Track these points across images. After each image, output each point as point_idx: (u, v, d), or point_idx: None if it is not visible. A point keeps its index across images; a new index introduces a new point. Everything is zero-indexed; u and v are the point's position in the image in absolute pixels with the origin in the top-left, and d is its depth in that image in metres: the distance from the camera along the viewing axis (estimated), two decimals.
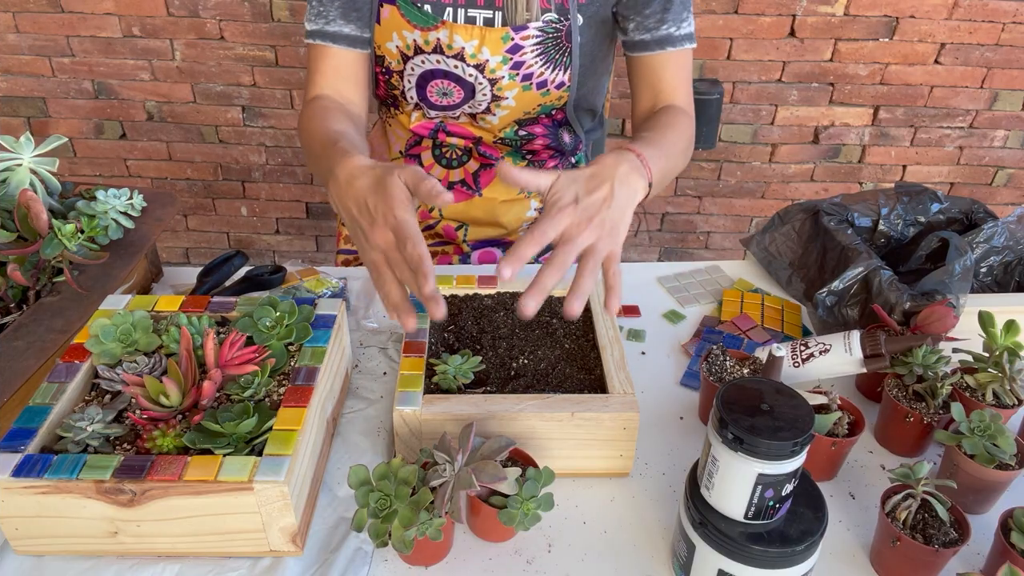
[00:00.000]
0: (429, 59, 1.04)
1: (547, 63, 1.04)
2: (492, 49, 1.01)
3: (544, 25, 1.00)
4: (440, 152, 1.18)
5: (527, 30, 1.00)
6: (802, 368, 0.84)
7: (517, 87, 1.05)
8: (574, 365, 0.82)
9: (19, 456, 0.63)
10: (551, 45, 1.02)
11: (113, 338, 0.74)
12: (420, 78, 1.07)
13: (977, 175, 2.53)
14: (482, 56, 1.01)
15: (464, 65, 1.03)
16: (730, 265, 1.14)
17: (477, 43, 1.00)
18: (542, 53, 1.02)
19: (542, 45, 1.02)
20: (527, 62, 1.03)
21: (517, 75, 1.04)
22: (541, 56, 1.03)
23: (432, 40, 1.01)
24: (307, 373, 0.73)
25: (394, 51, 1.05)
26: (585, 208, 0.73)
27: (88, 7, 2.18)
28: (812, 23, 2.22)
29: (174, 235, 2.63)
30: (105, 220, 0.88)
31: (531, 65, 1.03)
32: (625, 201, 0.76)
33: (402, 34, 1.02)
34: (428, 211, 1.22)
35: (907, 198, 1.06)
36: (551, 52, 1.03)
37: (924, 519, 0.68)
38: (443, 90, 1.08)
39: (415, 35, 1.02)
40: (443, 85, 1.07)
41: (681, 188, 2.54)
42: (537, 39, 1.01)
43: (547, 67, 1.04)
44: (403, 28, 1.02)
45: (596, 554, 0.71)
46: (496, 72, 1.03)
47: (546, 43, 1.02)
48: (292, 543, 0.67)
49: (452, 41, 1.01)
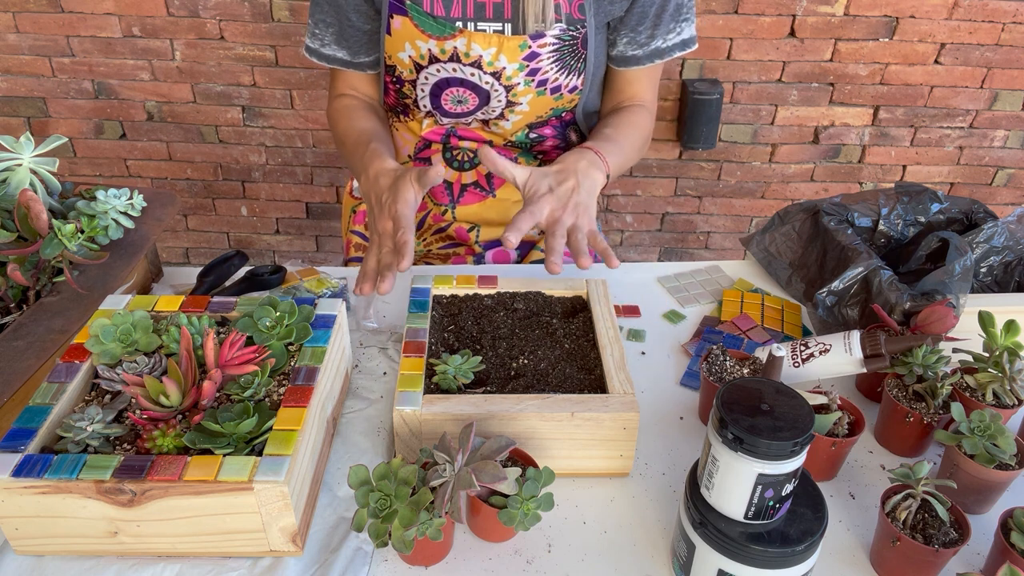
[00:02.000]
0: (445, 68, 1.04)
1: (562, 69, 1.05)
2: (509, 57, 1.02)
3: (561, 32, 1.01)
4: (451, 155, 1.18)
5: (544, 38, 1.01)
6: (802, 368, 0.84)
7: (532, 92, 1.06)
8: (574, 365, 0.82)
9: (19, 456, 0.63)
10: (567, 52, 1.03)
11: (113, 338, 0.74)
12: (434, 87, 1.08)
13: (977, 175, 2.53)
14: (499, 64, 1.02)
15: (481, 72, 1.03)
16: (730, 265, 1.14)
17: (495, 51, 1.01)
18: (558, 60, 1.03)
19: (558, 52, 1.02)
20: (543, 68, 1.04)
21: (532, 80, 1.05)
22: (557, 63, 1.03)
23: (449, 49, 1.02)
24: (307, 373, 0.73)
25: (407, 61, 1.05)
26: (559, 196, 0.89)
27: (88, 7, 2.18)
28: (812, 23, 2.22)
29: (174, 235, 2.63)
30: (105, 220, 0.88)
31: (547, 71, 1.04)
32: (589, 189, 0.93)
33: (415, 44, 1.03)
34: (441, 214, 1.22)
35: (907, 198, 1.06)
36: (567, 59, 1.04)
37: (924, 519, 0.68)
38: (458, 97, 1.08)
39: (430, 44, 1.02)
40: (458, 93, 1.08)
41: (681, 188, 2.54)
42: (554, 46, 1.02)
43: (562, 72, 1.05)
44: (417, 38, 1.02)
45: (596, 554, 0.71)
46: (512, 79, 1.04)
47: (562, 50, 1.02)
48: (292, 543, 0.67)
49: (470, 49, 1.01)
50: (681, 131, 2.39)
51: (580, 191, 0.90)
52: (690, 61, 2.30)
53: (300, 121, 2.38)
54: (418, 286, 0.92)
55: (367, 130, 1.07)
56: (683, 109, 2.35)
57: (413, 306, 0.88)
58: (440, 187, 1.20)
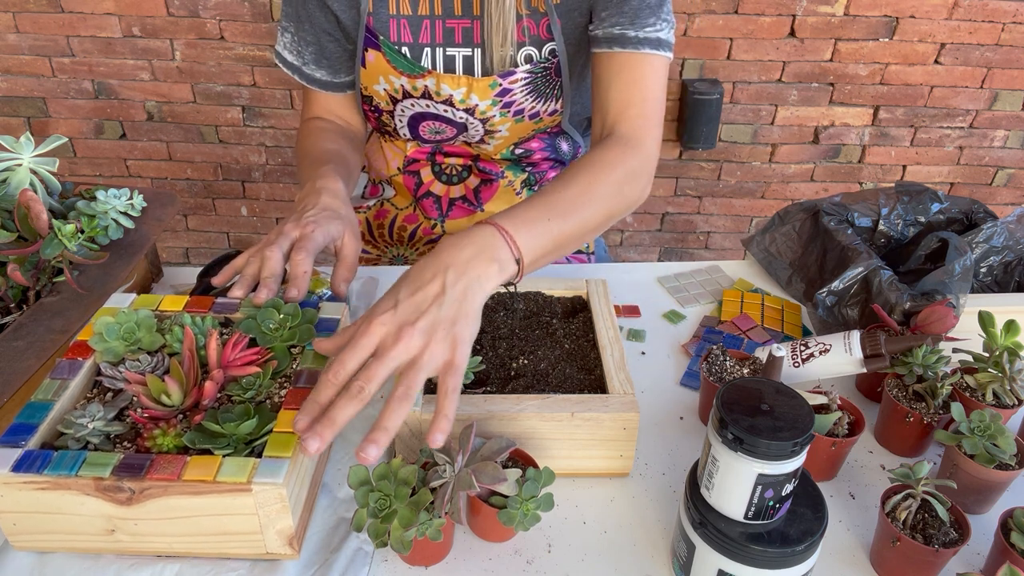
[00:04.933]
0: (419, 103, 1.02)
1: (538, 98, 1.02)
2: (480, 95, 0.99)
3: (532, 67, 0.98)
4: (440, 169, 1.18)
5: (514, 75, 0.97)
6: (802, 368, 0.84)
7: (509, 121, 1.04)
8: (574, 365, 0.82)
9: (19, 451, 0.63)
10: (540, 83, 1.00)
11: (117, 336, 0.74)
12: (411, 119, 1.06)
13: (977, 175, 2.53)
14: (471, 101, 1.00)
15: (454, 109, 1.01)
16: (730, 265, 1.14)
17: (465, 91, 0.99)
18: (532, 91, 1.01)
19: (531, 84, 1.00)
20: (517, 100, 1.01)
21: (508, 112, 1.02)
22: (531, 94, 1.01)
23: (420, 87, 1.00)
24: (309, 376, 0.73)
25: (382, 93, 1.03)
26: (403, 313, 0.63)
27: (88, 7, 2.18)
28: (812, 23, 2.22)
29: (174, 235, 2.63)
30: (105, 220, 0.88)
31: (521, 103, 1.02)
32: (462, 295, 0.64)
33: (389, 79, 1.01)
34: (431, 228, 1.22)
35: (907, 198, 1.06)
36: (541, 88, 1.01)
37: (924, 519, 0.68)
38: (435, 129, 1.07)
39: (402, 80, 1.00)
40: (435, 125, 1.06)
41: (681, 188, 2.54)
42: (526, 80, 0.99)
43: (538, 101, 1.02)
44: (389, 73, 1.00)
45: (596, 554, 0.71)
46: (487, 113, 1.02)
47: (535, 82, 1.00)
48: (289, 546, 0.67)
49: (439, 88, 0.99)
50: (681, 131, 2.39)
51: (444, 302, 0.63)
52: (690, 61, 2.30)
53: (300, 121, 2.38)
54: None
55: (331, 151, 1.00)
56: (683, 109, 2.35)
57: None
58: (429, 201, 1.19)
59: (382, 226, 1.25)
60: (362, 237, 1.24)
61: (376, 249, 1.28)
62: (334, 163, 0.95)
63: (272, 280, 0.75)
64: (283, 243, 0.78)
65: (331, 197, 0.85)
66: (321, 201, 0.84)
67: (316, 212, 0.82)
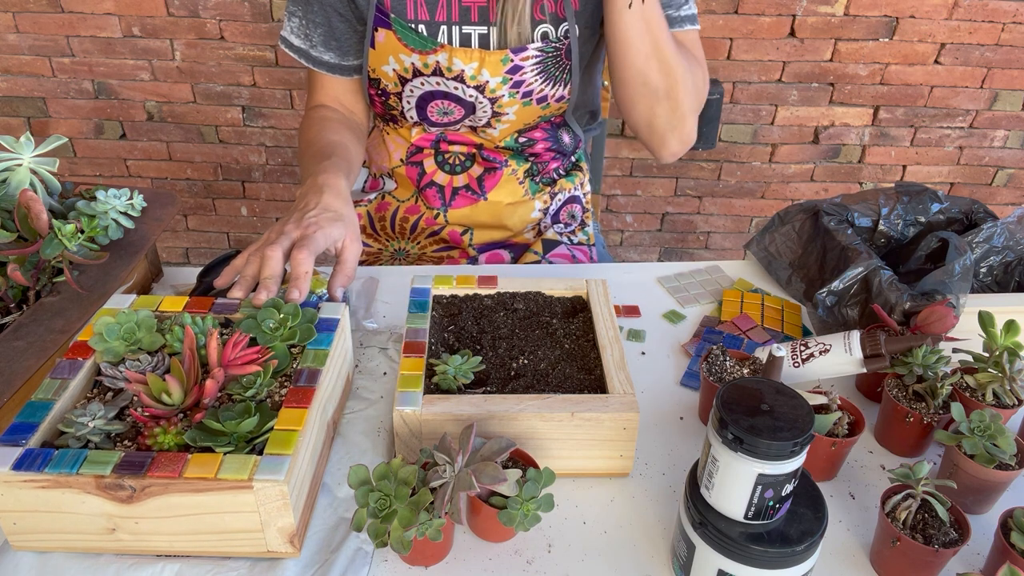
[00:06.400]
0: (428, 81, 1.03)
1: (547, 80, 1.03)
2: (492, 71, 1.01)
3: (544, 45, 1.00)
4: (443, 159, 1.18)
5: (526, 51, 0.99)
6: (802, 368, 0.84)
7: (517, 103, 1.05)
8: (574, 365, 0.82)
9: (20, 450, 0.63)
10: (551, 64, 1.02)
11: (117, 336, 0.74)
12: (420, 99, 1.07)
13: (977, 175, 2.54)
14: (482, 77, 1.01)
15: (464, 86, 1.02)
16: (730, 265, 1.14)
17: (477, 65, 1.00)
18: (542, 72, 1.02)
19: (542, 64, 1.01)
20: (527, 80, 1.02)
21: (517, 92, 1.03)
22: (541, 75, 1.02)
23: (431, 63, 1.01)
24: (309, 375, 0.73)
25: (391, 74, 1.04)
26: None
27: (88, 7, 2.18)
28: (812, 23, 2.22)
29: (174, 235, 2.63)
30: (105, 220, 0.88)
31: (531, 83, 1.03)
32: None
33: (399, 58, 1.02)
34: (434, 218, 1.22)
35: (907, 198, 1.06)
36: (551, 70, 1.03)
37: (924, 519, 0.68)
38: (443, 109, 1.08)
39: (413, 58, 1.01)
40: (443, 105, 1.07)
41: (681, 188, 2.54)
42: (537, 59, 1.01)
43: (547, 84, 1.04)
44: (400, 52, 1.01)
45: (596, 554, 0.71)
46: (496, 92, 1.03)
47: (546, 62, 1.01)
48: (290, 544, 0.67)
49: (451, 64, 1.00)
50: None
51: None
52: None
53: (300, 121, 2.38)
54: (418, 286, 0.92)
55: (335, 143, 1.02)
56: None
57: (413, 306, 0.88)
58: (433, 191, 1.20)
59: (383, 219, 1.26)
60: (363, 230, 1.25)
61: (377, 242, 1.28)
62: (337, 156, 0.97)
63: (272, 281, 0.77)
64: (284, 243, 0.79)
65: (333, 196, 0.86)
66: (323, 200, 0.85)
67: (318, 212, 0.83)
